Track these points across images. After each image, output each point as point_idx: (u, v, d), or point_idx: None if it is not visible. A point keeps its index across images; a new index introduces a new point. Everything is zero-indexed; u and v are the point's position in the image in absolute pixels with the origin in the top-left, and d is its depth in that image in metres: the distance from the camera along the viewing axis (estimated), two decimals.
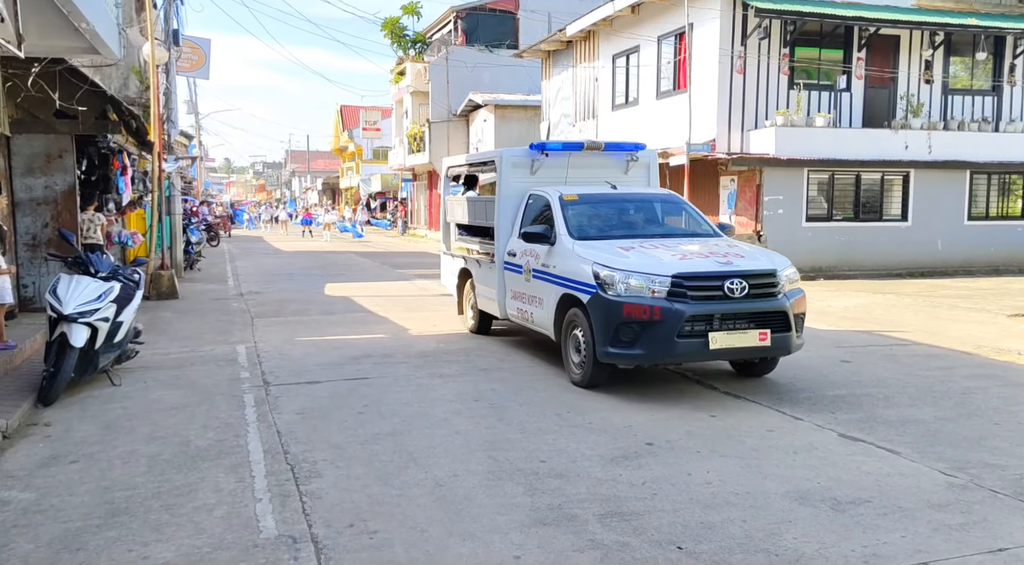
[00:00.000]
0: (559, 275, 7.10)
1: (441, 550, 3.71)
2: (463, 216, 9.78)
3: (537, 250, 7.57)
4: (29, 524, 3.99)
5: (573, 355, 6.92)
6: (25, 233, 10.33)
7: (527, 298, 7.85)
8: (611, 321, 6.27)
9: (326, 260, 22.48)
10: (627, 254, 6.66)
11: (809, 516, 4.10)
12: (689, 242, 7.29)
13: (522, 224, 8.12)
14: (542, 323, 7.56)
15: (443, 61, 33.43)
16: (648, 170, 9.10)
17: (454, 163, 10.66)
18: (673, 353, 6.20)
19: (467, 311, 9.84)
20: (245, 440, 5.39)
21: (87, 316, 6.50)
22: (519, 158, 8.60)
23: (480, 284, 9.20)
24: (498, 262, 8.42)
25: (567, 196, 7.75)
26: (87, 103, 9.85)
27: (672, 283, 6.17)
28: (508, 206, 8.43)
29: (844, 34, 17.02)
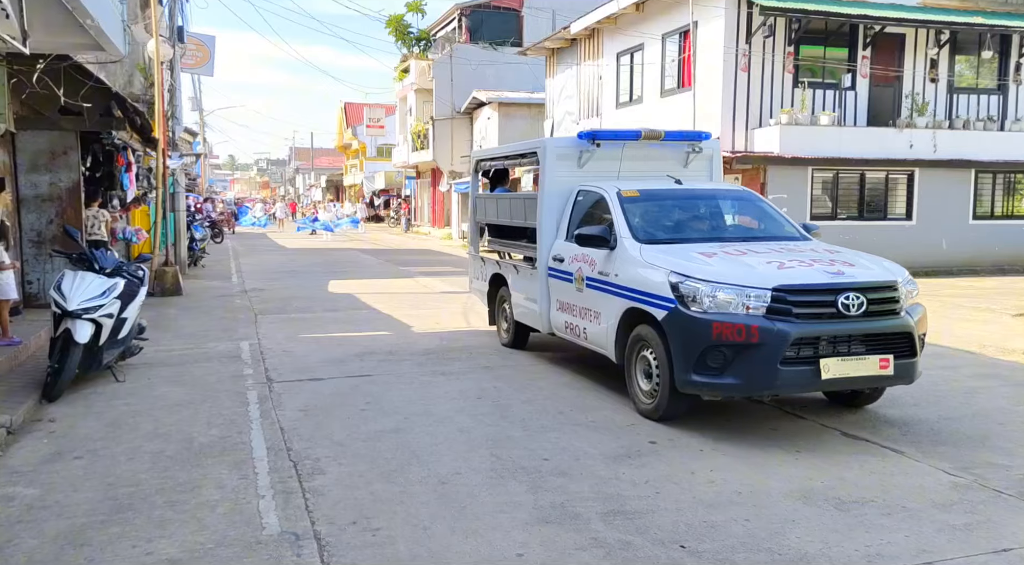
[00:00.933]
0: (622, 285, 6.06)
1: (444, 548, 3.71)
2: (496, 215, 8.84)
3: (592, 255, 6.54)
4: (33, 520, 4.01)
5: (641, 381, 5.89)
6: (30, 229, 10.36)
7: (578, 311, 6.81)
8: (696, 343, 5.23)
9: (330, 257, 22.50)
10: (710, 261, 5.63)
11: (812, 515, 4.09)
12: (779, 246, 6.16)
13: (570, 225, 7.14)
14: (598, 341, 6.52)
15: (447, 58, 33.40)
16: (711, 163, 8.01)
17: (486, 156, 9.54)
18: (774, 383, 5.14)
19: (500, 324, 8.83)
20: (248, 437, 5.40)
21: (91, 312, 6.52)
22: (566, 149, 7.53)
23: (517, 293, 8.13)
24: (540, 268, 7.41)
25: (626, 192, 6.71)
26: (92, 100, 9.87)
27: (773, 298, 5.14)
28: (552, 204, 7.36)
29: (849, 32, 16.96)
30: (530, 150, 7.99)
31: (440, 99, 33.45)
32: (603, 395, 6.54)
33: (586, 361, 7.87)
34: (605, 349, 6.42)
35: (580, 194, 7.25)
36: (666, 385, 5.53)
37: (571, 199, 7.31)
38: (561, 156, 7.49)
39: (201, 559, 3.58)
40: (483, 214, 9.32)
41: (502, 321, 8.77)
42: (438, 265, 20.14)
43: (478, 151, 9.93)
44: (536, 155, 7.73)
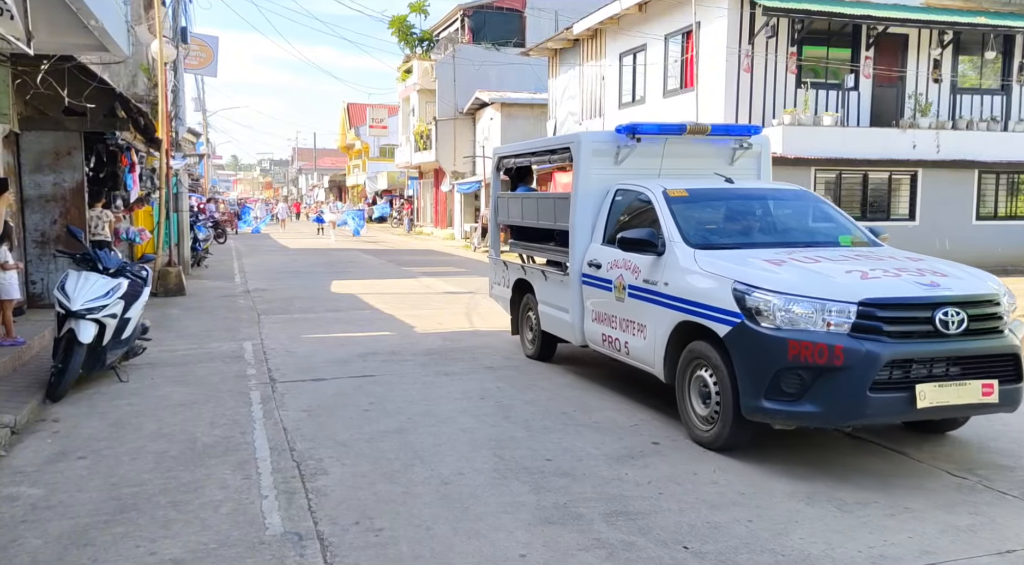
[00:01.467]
0: (673, 296, 5.44)
1: (447, 548, 3.71)
2: (520, 216, 8.21)
3: (636, 261, 5.93)
4: (37, 520, 4.02)
5: (697, 405, 5.26)
6: (34, 230, 10.38)
7: (619, 323, 6.19)
8: (767, 365, 4.60)
9: (332, 258, 22.52)
10: (778, 269, 4.97)
11: (815, 516, 4.09)
12: (852, 253, 5.55)
13: (607, 227, 6.57)
14: (642, 357, 5.90)
15: (450, 59, 33.43)
16: (759, 160, 7.38)
17: (509, 152, 8.68)
18: (863, 412, 4.46)
19: (525, 333, 8.21)
20: (251, 437, 5.40)
21: (95, 312, 6.53)
22: (602, 144, 6.88)
23: (544, 301, 7.55)
24: (573, 274, 6.83)
25: (674, 191, 6.10)
26: (96, 100, 9.91)
27: (859, 313, 4.51)
28: (587, 204, 6.75)
29: (852, 33, 16.95)
30: (562, 146, 7.35)
31: (443, 99, 33.48)
32: (606, 396, 6.54)
33: (589, 362, 7.88)
34: (651, 367, 5.78)
35: (618, 194, 6.63)
36: (729, 410, 4.88)
37: (608, 199, 6.70)
38: (597, 152, 6.85)
39: (204, 559, 3.59)
40: (505, 215, 8.68)
41: (527, 331, 8.16)
42: (440, 265, 20.15)
43: (500, 147, 9.05)
44: (567, 151, 7.12)
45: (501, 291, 8.78)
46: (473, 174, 31.97)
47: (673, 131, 6.91)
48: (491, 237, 9.26)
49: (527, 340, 8.16)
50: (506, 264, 8.67)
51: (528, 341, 8.14)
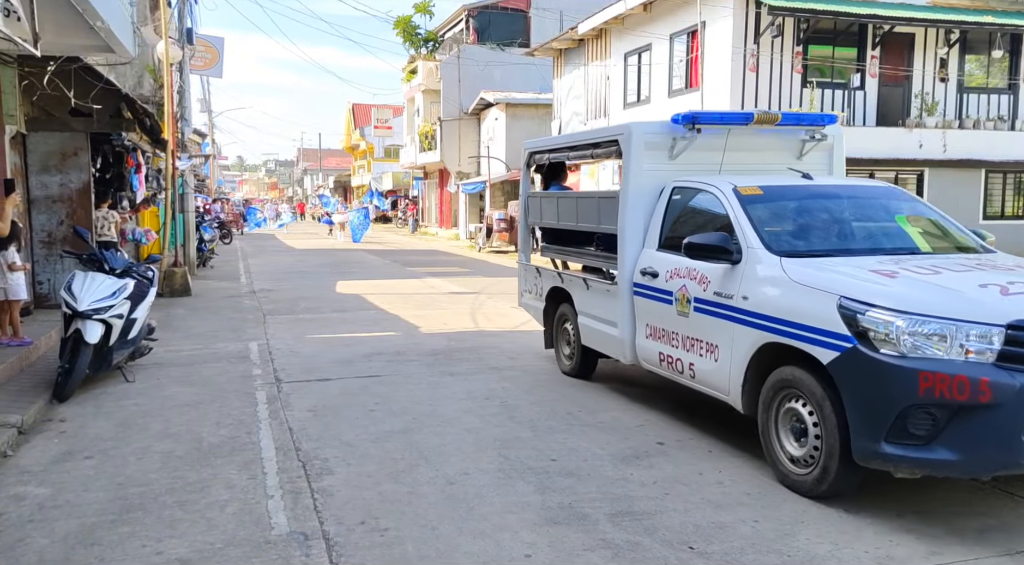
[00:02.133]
0: (755, 311, 4.65)
1: (452, 548, 3.71)
2: (556, 217, 7.44)
3: (704, 270, 5.15)
4: (44, 519, 4.03)
5: (788, 443, 4.46)
6: (40, 230, 10.42)
7: (681, 341, 5.42)
8: (891, 400, 3.83)
9: (338, 258, 22.55)
10: (892, 282, 4.23)
11: (821, 516, 4.07)
12: (970, 261, 4.78)
13: (662, 230, 5.83)
14: (712, 381, 5.12)
15: (455, 59, 33.46)
16: (831, 154, 6.57)
17: (542, 147, 7.87)
18: (1015, 460, 3.72)
19: (561, 348, 7.43)
20: (257, 437, 5.41)
21: (101, 313, 6.55)
22: (656, 136, 6.10)
23: (586, 312, 6.79)
24: (622, 284, 6.07)
25: (745, 189, 5.32)
26: (102, 101, 9.94)
27: (1008, 338, 3.76)
28: (638, 204, 5.99)
29: (858, 32, 16.90)
30: (607, 138, 6.53)
31: (447, 100, 33.51)
32: (611, 396, 6.53)
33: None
34: (723, 394, 5.02)
35: (675, 192, 5.87)
36: (836, 453, 4.09)
37: (662, 199, 5.93)
38: (650, 145, 6.08)
39: (211, 559, 3.60)
40: (537, 216, 7.86)
41: (563, 345, 7.38)
42: (445, 266, 20.16)
43: (532, 142, 8.18)
44: (613, 145, 6.33)
45: (532, 301, 7.99)
46: (478, 174, 31.98)
47: (738, 121, 6.19)
48: (520, 241, 8.36)
49: (563, 355, 7.38)
50: (538, 271, 7.81)
51: (565, 356, 7.35)
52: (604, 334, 6.47)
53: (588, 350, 6.90)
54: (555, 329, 7.57)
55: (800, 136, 6.41)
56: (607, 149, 6.57)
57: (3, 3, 5.17)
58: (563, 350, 7.42)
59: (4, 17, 5.27)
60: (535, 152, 7.88)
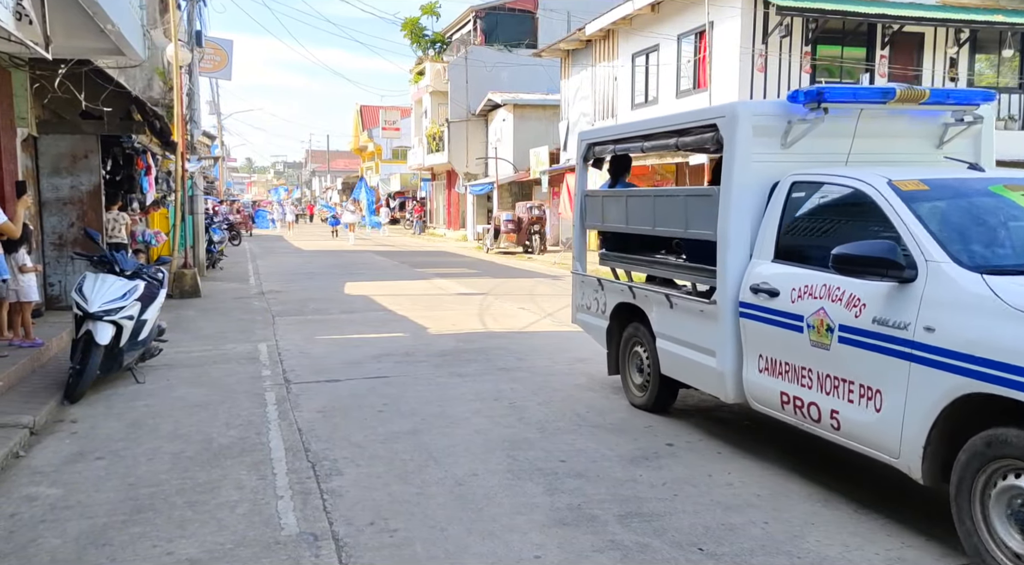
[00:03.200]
0: (951, 349, 3.52)
1: (461, 549, 3.71)
2: (624, 220, 6.30)
3: (853, 289, 4.04)
4: (56, 519, 4.05)
5: (1008, 536, 3.33)
6: (51, 232, 10.49)
7: (819, 380, 4.29)
8: None
9: (346, 259, 22.61)
10: None
11: (832, 518, 4.06)
12: None
13: (779, 236, 4.71)
14: (872, 437, 3.97)
15: (462, 61, 33.51)
16: (978, 140, 5.38)
17: (604, 137, 6.76)
18: None
19: (631, 375, 6.33)
20: (267, 438, 5.43)
21: (112, 314, 6.59)
22: (767, 118, 4.97)
23: (668, 335, 5.69)
24: (724, 303, 4.95)
25: (904, 184, 4.21)
26: (112, 104, 10.00)
27: None
28: (744, 203, 4.90)
29: (867, 31, 16.84)
30: (701, 122, 5.34)
31: (455, 101, 33.57)
32: (620, 397, 6.52)
33: (601, 364, 7.86)
34: (891, 455, 3.86)
35: (796, 189, 4.74)
36: None
37: (778, 197, 4.80)
38: (760, 130, 4.94)
39: (221, 559, 3.61)
40: (598, 218, 6.77)
41: (633, 372, 6.29)
42: (453, 267, 20.18)
43: (589, 131, 7.20)
44: (709, 131, 5.21)
45: (591, 318, 6.90)
46: (486, 176, 32.01)
47: (874, 98, 4.96)
48: (576, 248, 7.30)
49: (633, 384, 6.29)
50: (600, 284, 6.71)
51: (635, 386, 6.26)
52: (694, 364, 5.35)
53: (668, 380, 5.79)
54: (623, 354, 6.45)
55: (943, 118, 5.24)
56: (699, 136, 5.37)
57: (15, 6, 5.21)
58: (632, 378, 6.30)
59: (16, 20, 5.31)
60: (595, 143, 6.80)
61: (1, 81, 8.41)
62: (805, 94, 4.82)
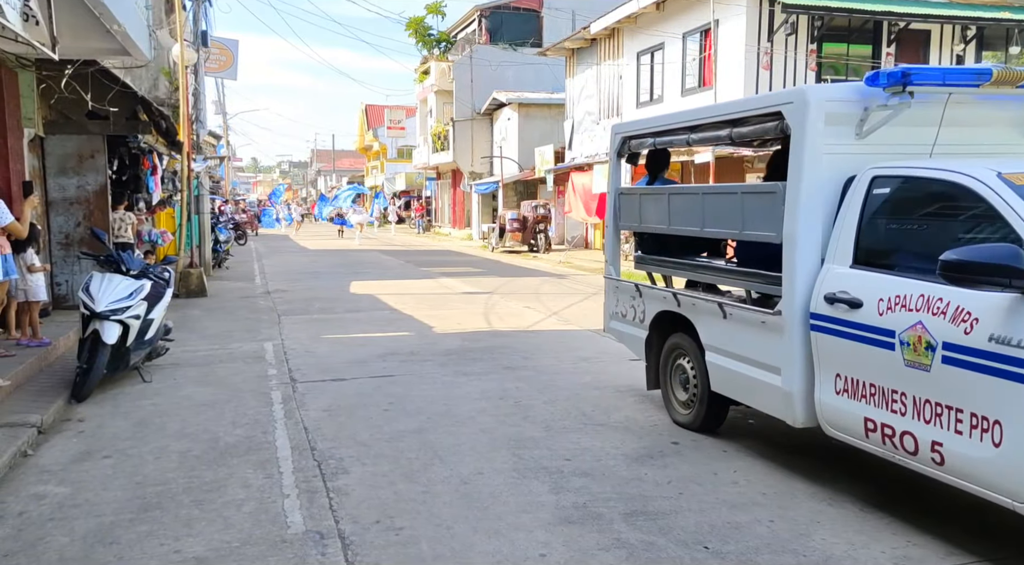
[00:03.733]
0: None
1: (466, 547, 3.72)
2: (667, 219, 5.72)
3: (963, 301, 3.52)
4: (64, 518, 4.08)
5: None
6: (58, 232, 10.54)
7: (915, 406, 3.76)
8: None
9: (351, 258, 22.64)
10: None
11: (838, 517, 4.05)
12: None
13: (858, 238, 4.19)
14: (987, 475, 3.46)
15: (467, 60, 33.52)
16: None
17: (642, 129, 6.22)
18: None
19: (674, 391, 5.81)
20: (273, 437, 5.45)
21: (119, 313, 6.62)
22: (841, 105, 4.42)
23: (720, 348, 5.15)
24: (792, 313, 4.41)
25: (1017, 177, 3.72)
26: (118, 104, 10.05)
27: None
28: (815, 201, 4.38)
29: (873, 29, 16.79)
30: (763, 110, 4.79)
31: (460, 100, 33.58)
32: (625, 396, 6.52)
33: (606, 363, 7.86)
34: (1012, 495, 3.34)
35: (878, 184, 4.20)
36: None
37: (856, 193, 4.27)
38: (833, 117, 4.40)
39: (227, 557, 3.63)
40: (635, 218, 6.23)
41: (677, 388, 5.78)
42: (458, 266, 20.20)
43: (625, 124, 6.66)
44: (773, 119, 4.67)
45: (627, 327, 6.39)
46: (490, 175, 32.02)
47: (966, 80, 4.33)
48: (608, 251, 6.77)
49: (677, 401, 5.76)
50: (638, 289, 6.18)
51: (679, 403, 5.74)
52: (752, 381, 4.80)
53: (718, 397, 5.26)
54: (664, 367, 5.91)
55: None
56: (758, 126, 4.86)
57: (22, 7, 5.24)
58: (676, 394, 5.78)
59: (23, 21, 5.33)
60: (632, 137, 6.28)
61: (8, 82, 8.45)
62: (888, 76, 4.21)
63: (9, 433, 5.20)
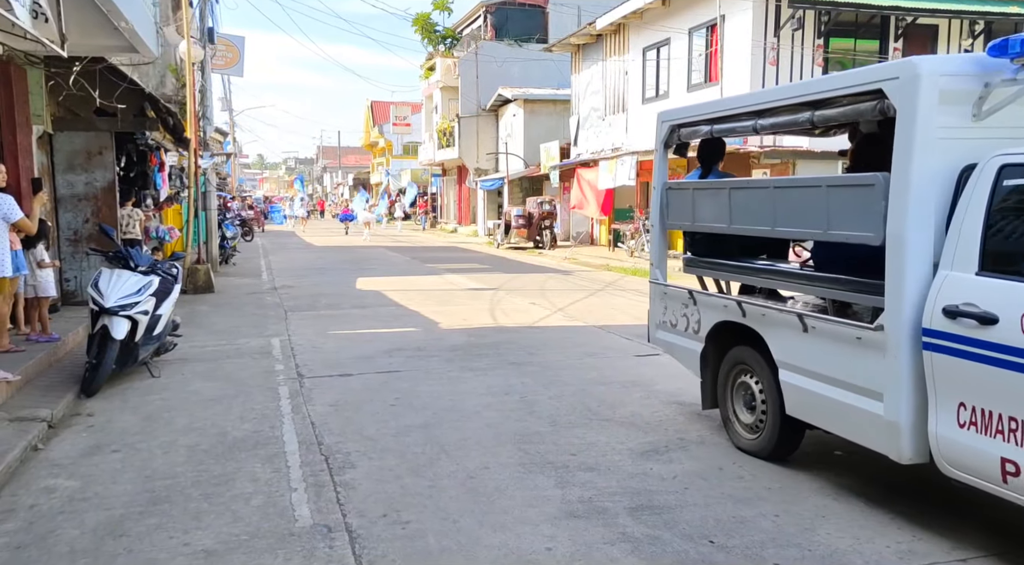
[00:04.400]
0: None
1: (473, 541, 3.75)
2: (727, 217, 5.05)
3: None
4: (75, 511, 4.12)
5: None
6: (67, 228, 10.59)
7: None
8: None
9: (357, 255, 22.68)
10: None
11: (843, 511, 4.06)
12: None
13: (984, 239, 3.54)
14: None
15: (472, 56, 33.51)
16: None
17: (696, 116, 5.54)
18: None
19: (737, 412, 5.12)
20: (280, 431, 5.48)
21: (128, 309, 6.66)
22: (957, 80, 3.77)
23: (799, 367, 4.47)
24: (899, 330, 3.77)
25: None
26: (126, 101, 10.09)
27: None
28: (926, 195, 3.72)
29: (880, 24, 16.72)
30: (859, 88, 4.10)
31: (466, 96, 33.57)
32: (631, 391, 6.54)
33: (612, 358, 7.88)
34: None
35: (1008, 173, 3.51)
36: None
37: (979, 185, 3.60)
38: (947, 95, 3.74)
39: (236, 550, 3.66)
40: (686, 215, 5.55)
41: (739, 409, 5.09)
42: (464, 262, 20.22)
43: (673, 110, 5.99)
44: (871, 98, 4.03)
45: (678, 338, 5.69)
46: (496, 171, 32.02)
47: None
48: (655, 253, 6.10)
49: (740, 424, 5.06)
50: (692, 297, 5.46)
51: (743, 426, 5.03)
52: (843, 407, 4.15)
53: (793, 422, 4.60)
54: (725, 384, 5.22)
55: None
56: (850, 108, 4.21)
57: (31, 5, 5.27)
58: (740, 416, 5.08)
59: (32, 19, 5.37)
60: (683, 124, 5.60)
61: (17, 79, 8.49)
62: (1021, 43, 3.55)
63: (20, 427, 5.25)
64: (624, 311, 11.19)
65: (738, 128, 5.15)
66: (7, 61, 8.08)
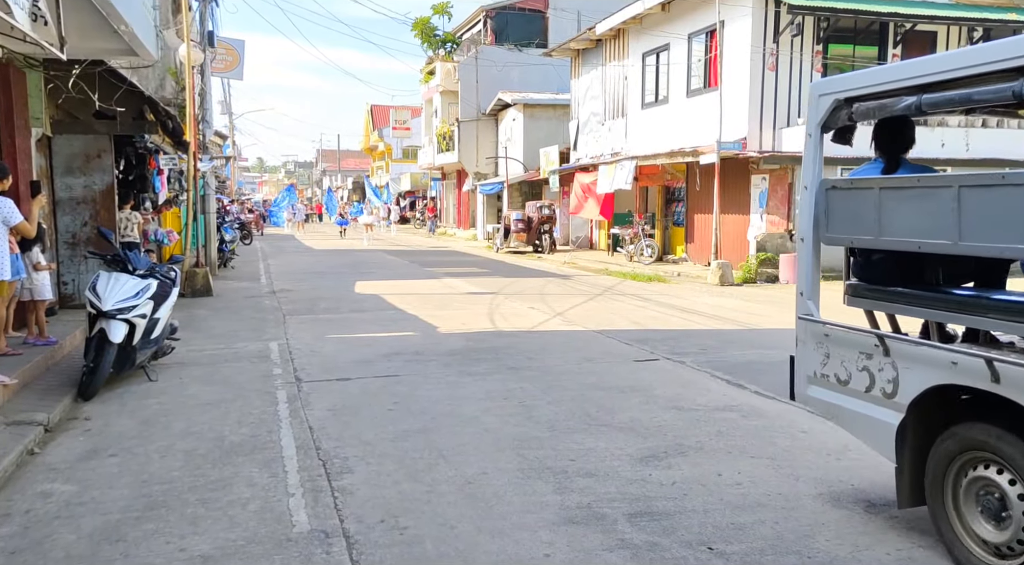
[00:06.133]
0: None
1: (471, 547, 3.73)
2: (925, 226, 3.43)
3: None
4: (71, 515, 4.10)
5: None
6: (65, 231, 10.58)
7: None
8: None
9: (356, 258, 22.68)
10: None
11: (842, 518, 4.05)
12: None
13: None
14: None
15: (472, 60, 33.55)
16: None
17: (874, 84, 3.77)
18: None
19: (970, 521, 3.41)
20: (278, 436, 5.46)
21: (125, 313, 6.65)
22: None
23: None
24: None
25: None
26: (125, 104, 10.08)
27: None
28: None
29: (879, 30, 16.75)
30: None
31: (465, 101, 33.61)
32: (629, 396, 6.52)
33: (611, 364, 7.86)
34: None
35: None
36: None
37: None
38: None
39: (233, 556, 3.64)
40: (867, 226, 3.76)
41: (975, 517, 3.40)
42: (463, 266, 20.21)
43: (839, 78, 4.08)
44: None
45: (851, 401, 3.92)
46: (496, 175, 32.03)
47: None
48: (807, 277, 4.19)
49: (978, 539, 3.39)
50: (884, 345, 3.68)
51: (983, 545, 3.37)
52: None
53: None
54: (941, 474, 3.53)
55: None
56: None
57: (31, 8, 5.26)
58: (974, 527, 3.41)
59: (31, 21, 5.36)
60: (861, 96, 3.85)
61: (16, 81, 8.49)
62: None
63: (16, 431, 5.23)
64: (623, 316, 11.18)
65: (931, 102, 3.45)
66: (6, 64, 8.08)
